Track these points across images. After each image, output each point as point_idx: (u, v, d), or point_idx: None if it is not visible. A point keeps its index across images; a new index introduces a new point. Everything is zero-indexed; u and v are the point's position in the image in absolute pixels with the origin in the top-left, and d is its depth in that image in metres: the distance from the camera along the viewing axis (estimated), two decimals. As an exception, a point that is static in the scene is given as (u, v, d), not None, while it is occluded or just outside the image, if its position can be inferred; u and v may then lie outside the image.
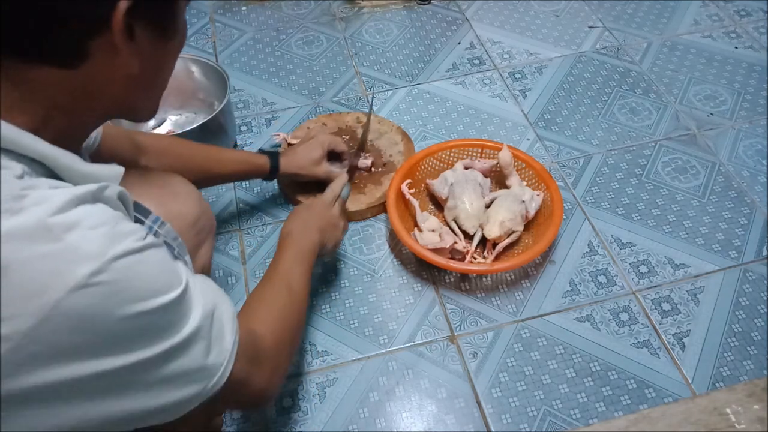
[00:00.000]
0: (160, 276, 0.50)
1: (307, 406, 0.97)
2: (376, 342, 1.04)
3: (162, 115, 1.39)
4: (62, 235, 0.44)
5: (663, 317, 1.06)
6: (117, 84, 0.52)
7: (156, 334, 0.49)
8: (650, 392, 0.97)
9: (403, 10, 1.72)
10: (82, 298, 0.43)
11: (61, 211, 0.45)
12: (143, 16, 0.50)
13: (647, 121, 1.39)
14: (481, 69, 1.54)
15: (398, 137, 1.33)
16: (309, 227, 0.92)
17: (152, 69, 0.55)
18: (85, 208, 0.47)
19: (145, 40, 0.51)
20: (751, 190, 1.25)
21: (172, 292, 0.50)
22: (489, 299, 1.09)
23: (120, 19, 0.47)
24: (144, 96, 0.58)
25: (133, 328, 0.47)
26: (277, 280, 0.80)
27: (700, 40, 1.60)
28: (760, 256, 1.14)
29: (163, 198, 0.75)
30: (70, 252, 0.44)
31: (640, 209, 1.22)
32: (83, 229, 0.45)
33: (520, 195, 1.14)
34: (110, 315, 0.45)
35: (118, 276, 0.45)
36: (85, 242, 0.45)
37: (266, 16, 1.72)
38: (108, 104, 0.54)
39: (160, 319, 0.49)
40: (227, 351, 0.56)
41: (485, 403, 0.97)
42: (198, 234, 0.80)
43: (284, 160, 1.12)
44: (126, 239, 0.47)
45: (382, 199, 1.21)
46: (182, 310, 0.52)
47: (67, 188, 0.47)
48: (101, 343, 0.45)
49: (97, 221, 0.47)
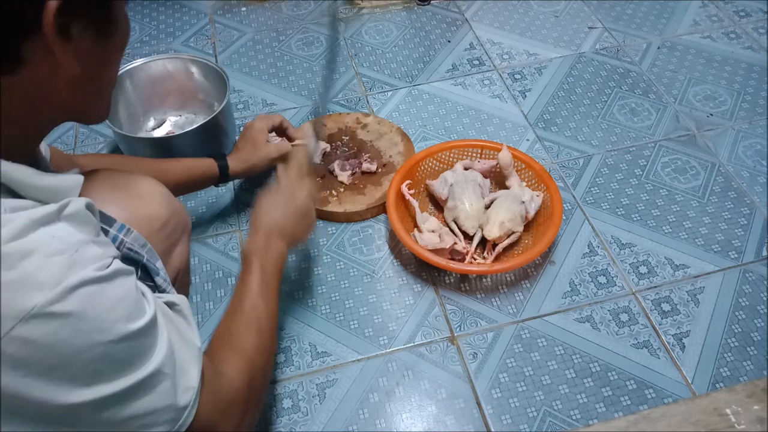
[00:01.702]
0: (122, 306, 0.48)
1: (307, 407, 0.97)
2: (376, 343, 1.04)
3: (161, 116, 1.39)
4: (17, 263, 0.43)
5: (663, 318, 1.06)
6: (61, 87, 0.50)
7: (119, 366, 0.47)
8: (650, 393, 0.97)
9: (402, 11, 1.72)
10: (35, 328, 0.42)
11: (17, 237, 0.43)
12: (76, 14, 0.47)
13: (647, 122, 1.39)
14: (480, 70, 1.54)
15: (398, 138, 1.33)
16: (274, 235, 0.85)
17: (95, 68, 0.53)
18: (44, 232, 0.45)
19: (82, 39, 0.49)
20: (751, 190, 1.25)
21: (134, 323, 0.48)
22: (489, 300, 1.09)
23: (50, 20, 0.45)
24: (91, 96, 0.55)
25: (92, 358, 0.45)
26: (244, 316, 0.74)
27: (699, 40, 1.60)
28: (760, 256, 1.14)
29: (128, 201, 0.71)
30: (25, 280, 0.43)
31: (639, 210, 1.22)
32: (40, 256, 0.44)
33: (519, 195, 1.14)
34: (67, 345, 0.44)
35: (74, 307, 0.44)
36: (42, 270, 0.43)
37: (266, 17, 1.72)
38: (55, 108, 0.52)
39: (120, 351, 0.47)
40: (192, 391, 0.54)
41: (485, 403, 0.97)
42: (170, 236, 0.76)
43: (232, 158, 1.07)
44: (86, 267, 0.46)
45: (382, 200, 1.21)
46: (146, 343, 0.50)
47: (24, 211, 0.45)
48: (60, 373, 0.44)
49: (56, 248, 0.45)
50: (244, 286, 0.77)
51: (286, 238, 0.87)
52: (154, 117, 1.38)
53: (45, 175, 0.50)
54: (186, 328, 0.58)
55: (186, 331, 0.57)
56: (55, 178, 0.51)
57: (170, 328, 0.54)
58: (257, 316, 0.74)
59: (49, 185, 0.50)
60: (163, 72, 1.33)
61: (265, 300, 0.77)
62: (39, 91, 0.49)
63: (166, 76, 1.34)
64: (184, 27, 1.70)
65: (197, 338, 0.58)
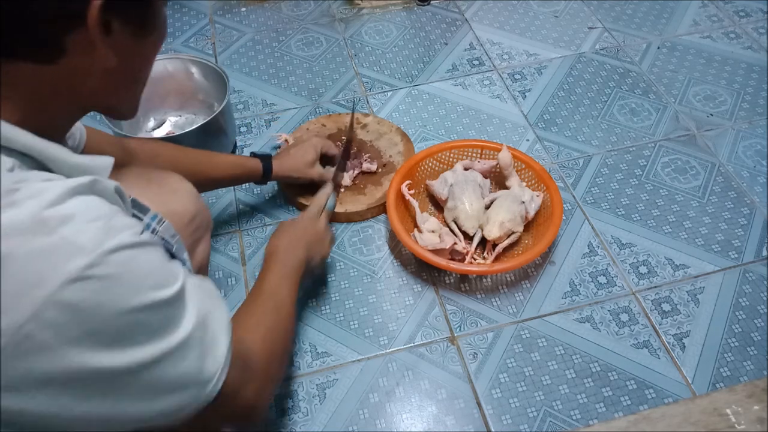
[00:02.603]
0: (156, 272, 0.49)
1: (307, 407, 0.97)
2: (376, 343, 1.04)
3: (161, 116, 1.39)
4: (57, 228, 0.44)
5: (663, 318, 1.06)
6: (96, 78, 0.52)
7: (151, 332, 0.48)
8: (650, 393, 0.97)
9: (402, 11, 1.73)
10: (75, 292, 0.43)
11: (55, 204, 0.44)
12: (119, 11, 0.49)
13: (647, 122, 1.39)
14: (480, 70, 1.54)
15: (398, 138, 1.34)
16: (294, 244, 0.91)
17: (131, 64, 0.55)
18: (80, 200, 0.46)
19: (122, 35, 0.50)
20: (751, 190, 1.25)
21: (166, 290, 0.49)
22: (489, 300, 1.09)
23: (95, 15, 0.47)
24: (124, 92, 0.57)
25: (127, 323, 0.46)
26: (264, 299, 0.79)
27: (699, 40, 1.60)
28: (759, 256, 1.14)
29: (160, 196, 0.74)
30: (65, 245, 0.43)
31: (639, 210, 1.22)
32: (78, 222, 0.45)
33: (519, 196, 1.14)
34: (104, 309, 0.45)
35: (112, 270, 0.45)
36: (80, 235, 0.44)
37: (266, 18, 1.72)
38: (87, 98, 0.54)
39: (154, 317, 0.48)
40: (221, 358, 0.56)
41: (485, 403, 0.97)
42: (195, 232, 0.79)
43: (277, 163, 1.12)
44: (121, 233, 0.47)
45: (382, 200, 1.21)
46: (177, 312, 0.51)
47: (60, 180, 0.47)
48: (95, 338, 0.45)
49: (93, 215, 0.46)
50: (265, 274, 0.84)
51: (306, 249, 0.93)
52: (154, 117, 1.38)
53: (78, 155, 0.52)
54: (217, 298, 0.60)
55: (217, 300, 0.59)
56: (88, 158, 0.53)
57: (202, 297, 0.55)
58: (276, 300, 0.79)
59: (81, 163, 0.52)
60: (163, 72, 1.33)
61: (285, 287, 0.83)
62: (74, 81, 0.51)
63: (166, 76, 1.34)
64: (184, 27, 1.70)
65: (226, 309, 0.60)
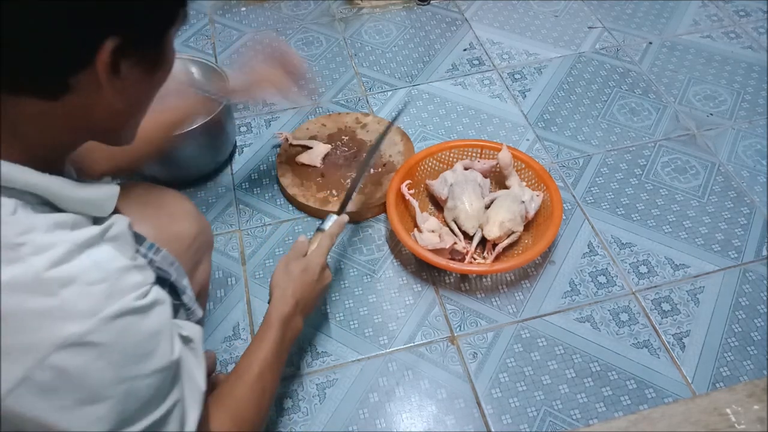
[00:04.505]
0: (153, 341, 0.49)
1: (307, 407, 0.97)
2: (376, 343, 1.04)
3: (161, 116, 1.38)
4: (58, 290, 0.43)
5: (663, 317, 1.06)
6: (99, 114, 0.51)
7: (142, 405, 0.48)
8: (650, 392, 0.97)
9: (402, 11, 1.72)
10: (70, 357, 0.43)
11: (60, 263, 0.44)
12: (131, 53, 0.48)
13: (647, 122, 1.39)
14: (480, 69, 1.54)
15: (398, 137, 1.33)
16: (301, 307, 0.85)
17: (136, 100, 0.54)
18: (87, 257, 0.46)
19: (130, 74, 0.49)
20: (751, 190, 1.25)
21: (163, 360, 0.49)
22: (489, 300, 1.09)
23: (105, 58, 0.45)
24: (125, 124, 0.57)
25: (119, 394, 0.46)
26: (252, 383, 0.73)
27: (699, 40, 1.60)
28: (759, 256, 1.14)
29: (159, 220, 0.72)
30: (64, 309, 0.43)
31: (639, 209, 1.22)
32: (80, 284, 0.44)
33: (519, 195, 1.14)
34: (97, 378, 0.44)
35: (109, 337, 0.45)
36: (81, 299, 0.44)
37: (266, 17, 1.72)
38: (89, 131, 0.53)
39: (145, 389, 0.48)
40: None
41: (485, 403, 0.97)
42: (195, 254, 0.78)
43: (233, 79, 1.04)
44: (125, 296, 0.46)
45: (382, 200, 1.21)
46: (167, 383, 0.50)
47: (67, 234, 0.46)
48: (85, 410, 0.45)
49: (99, 276, 0.46)
50: (260, 350, 0.77)
51: (306, 313, 0.88)
52: (153, 117, 1.38)
53: (81, 186, 0.51)
54: (195, 369, 0.58)
55: (195, 372, 0.57)
56: (92, 190, 0.52)
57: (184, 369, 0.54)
58: (263, 386, 0.74)
59: (87, 197, 0.51)
60: (163, 72, 1.33)
61: (274, 372, 0.77)
62: (77, 116, 0.50)
63: (165, 76, 1.33)
64: (184, 27, 1.70)
65: (204, 380, 0.58)
